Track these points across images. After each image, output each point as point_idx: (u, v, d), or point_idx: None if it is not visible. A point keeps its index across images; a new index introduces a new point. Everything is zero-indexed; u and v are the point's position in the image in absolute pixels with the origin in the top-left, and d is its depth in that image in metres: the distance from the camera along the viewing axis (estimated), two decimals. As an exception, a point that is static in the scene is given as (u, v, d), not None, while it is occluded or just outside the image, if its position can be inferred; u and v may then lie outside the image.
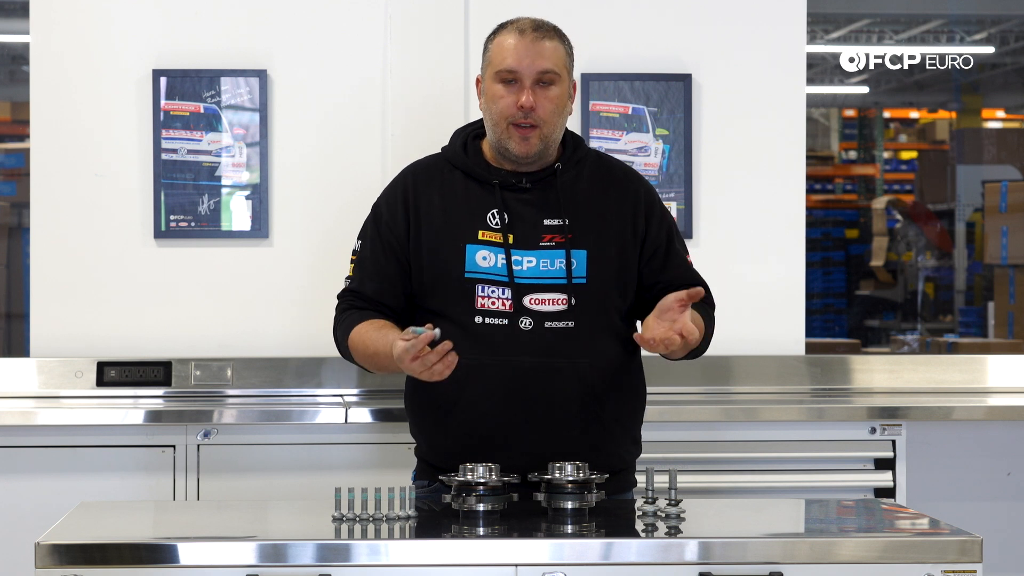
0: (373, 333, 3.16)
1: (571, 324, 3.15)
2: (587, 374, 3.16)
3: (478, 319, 3.14)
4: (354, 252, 3.30)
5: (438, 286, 3.18)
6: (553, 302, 3.16)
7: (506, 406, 3.13)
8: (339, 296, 3.32)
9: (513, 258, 3.15)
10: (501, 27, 3.23)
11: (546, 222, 3.19)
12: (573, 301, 3.16)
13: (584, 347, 3.16)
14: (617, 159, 3.41)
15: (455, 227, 3.18)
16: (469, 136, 3.29)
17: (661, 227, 3.28)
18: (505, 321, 3.14)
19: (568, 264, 3.16)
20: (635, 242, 3.24)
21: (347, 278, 3.30)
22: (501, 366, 3.11)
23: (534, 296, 3.16)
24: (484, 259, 3.16)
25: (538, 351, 3.12)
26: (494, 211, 3.18)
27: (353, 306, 3.26)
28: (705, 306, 3.29)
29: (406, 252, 3.22)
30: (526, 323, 3.14)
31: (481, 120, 3.29)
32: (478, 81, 3.27)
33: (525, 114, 3.14)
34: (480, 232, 3.17)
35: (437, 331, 2.92)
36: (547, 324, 3.14)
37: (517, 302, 3.14)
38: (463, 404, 3.15)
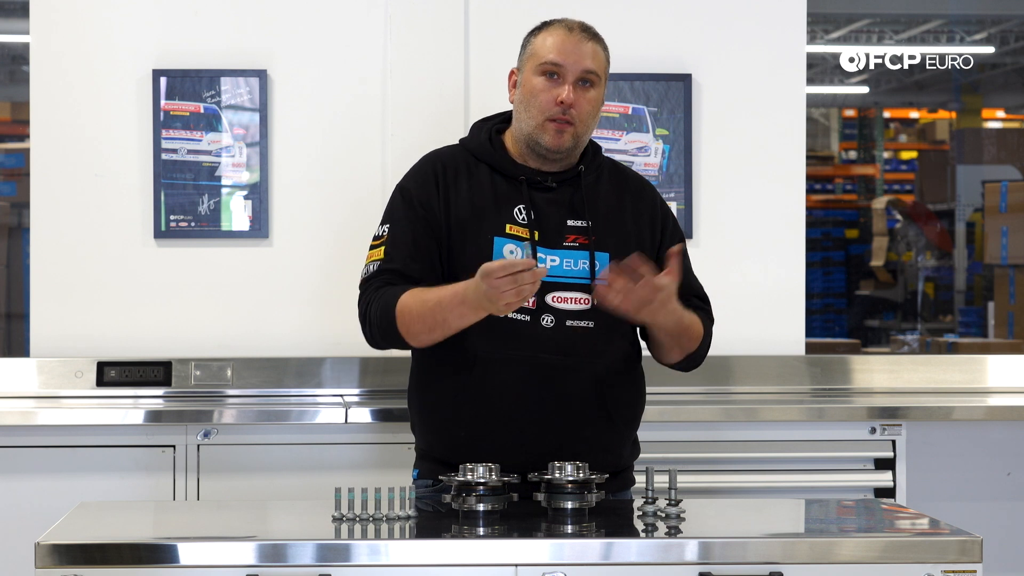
0: (429, 290, 3.07)
1: (591, 324, 3.17)
2: (603, 374, 3.17)
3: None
4: (376, 237, 3.23)
5: (463, 276, 3.14)
6: (575, 301, 3.17)
7: (522, 401, 3.14)
8: (367, 278, 3.20)
9: (538, 255, 3.17)
10: (546, 24, 3.23)
11: (569, 223, 3.21)
12: (595, 302, 3.17)
13: (602, 347, 3.18)
14: (629, 167, 3.44)
15: (483, 218, 3.18)
16: (492, 130, 3.28)
17: (675, 239, 3.31)
18: (527, 317, 3.14)
19: (592, 265, 3.18)
20: (652, 250, 3.26)
21: (373, 262, 3.20)
22: (521, 361, 3.12)
23: (557, 294, 3.17)
24: (511, 253, 3.16)
25: (558, 349, 3.13)
26: (521, 207, 3.18)
27: (390, 283, 3.15)
28: (704, 315, 3.31)
29: (440, 231, 3.18)
30: (548, 320, 3.15)
31: (502, 114, 3.30)
32: (512, 73, 3.25)
33: (564, 110, 3.14)
34: (508, 226, 3.17)
35: (535, 262, 2.92)
36: (568, 323, 3.16)
37: (540, 299, 3.15)
38: (480, 396, 3.15)
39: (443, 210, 3.19)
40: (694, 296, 3.33)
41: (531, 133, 3.18)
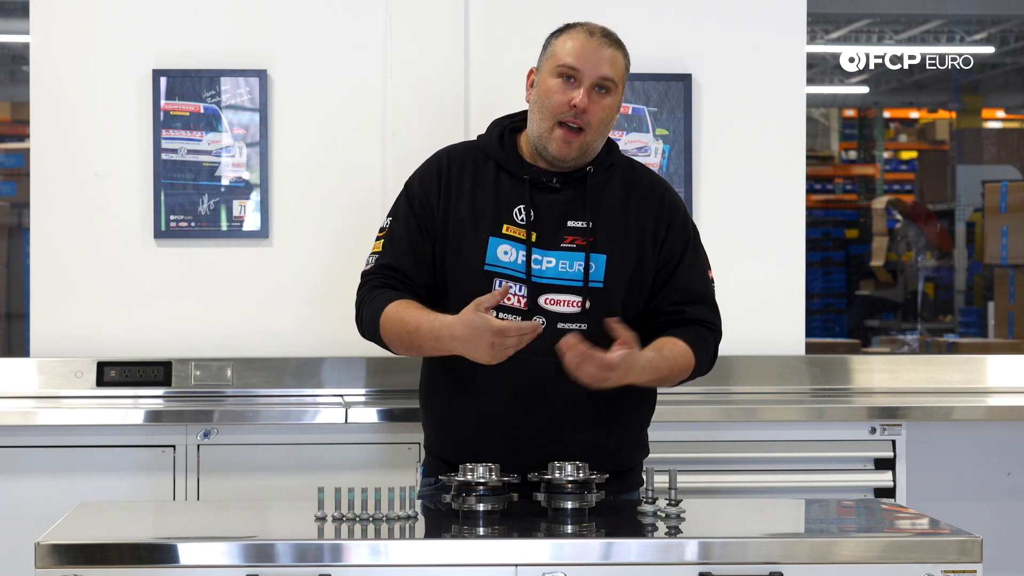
0: (413, 310, 3.12)
1: (584, 327, 3.15)
2: None
3: (492, 314, 3.14)
4: (382, 229, 3.28)
5: (457, 274, 3.18)
6: (568, 303, 3.16)
7: (514, 403, 3.14)
8: (366, 274, 3.26)
9: (533, 256, 3.16)
10: (569, 26, 3.21)
11: (570, 224, 3.19)
12: (588, 304, 3.16)
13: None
14: (649, 168, 3.38)
15: (481, 218, 3.19)
16: (507, 128, 3.28)
17: (679, 238, 3.27)
18: (519, 319, 3.14)
19: (587, 267, 3.17)
20: (654, 250, 3.24)
21: (373, 254, 3.26)
22: (511, 363, 3.10)
23: (550, 296, 3.16)
24: (505, 254, 3.17)
25: (549, 351, 3.10)
26: (521, 207, 3.18)
27: (387, 284, 3.21)
28: (698, 329, 3.25)
29: (435, 231, 3.21)
30: (538, 322, 3.14)
31: (520, 113, 3.29)
32: (530, 73, 3.24)
33: (576, 114, 3.13)
34: (505, 226, 3.18)
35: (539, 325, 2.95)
36: (560, 325, 3.14)
37: (532, 300, 3.15)
38: (472, 397, 3.16)
39: (442, 208, 3.21)
40: (691, 302, 3.26)
41: (540, 136, 3.17)
